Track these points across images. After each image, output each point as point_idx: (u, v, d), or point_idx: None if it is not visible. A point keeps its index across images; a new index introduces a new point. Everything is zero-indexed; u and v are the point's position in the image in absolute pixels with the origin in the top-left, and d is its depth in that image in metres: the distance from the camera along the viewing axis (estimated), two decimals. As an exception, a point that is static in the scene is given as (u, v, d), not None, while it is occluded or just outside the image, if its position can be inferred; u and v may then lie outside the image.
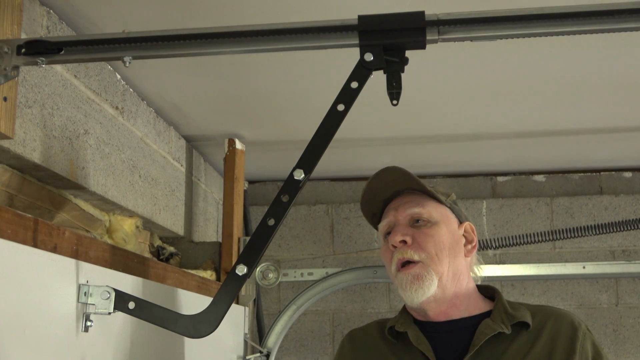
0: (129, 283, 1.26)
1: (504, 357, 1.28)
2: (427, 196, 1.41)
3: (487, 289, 1.44)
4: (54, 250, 1.04)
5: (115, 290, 1.09)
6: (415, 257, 1.34)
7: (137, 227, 2.05)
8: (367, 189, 1.44)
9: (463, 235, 1.42)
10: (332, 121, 1.09)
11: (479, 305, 1.39)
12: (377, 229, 1.48)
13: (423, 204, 1.39)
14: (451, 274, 1.35)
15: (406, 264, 1.34)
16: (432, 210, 1.38)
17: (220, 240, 2.72)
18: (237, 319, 2.31)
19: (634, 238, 2.94)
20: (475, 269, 1.45)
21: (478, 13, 1.08)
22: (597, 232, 2.51)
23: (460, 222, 1.43)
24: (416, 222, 1.37)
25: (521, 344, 1.30)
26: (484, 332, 1.30)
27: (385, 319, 1.47)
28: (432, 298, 1.33)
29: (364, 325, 1.51)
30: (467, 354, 1.28)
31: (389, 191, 1.42)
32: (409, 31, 1.09)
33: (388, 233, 1.41)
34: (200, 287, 1.85)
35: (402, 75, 1.10)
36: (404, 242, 1.35)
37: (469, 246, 1.42)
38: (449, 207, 1.42)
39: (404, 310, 1.44)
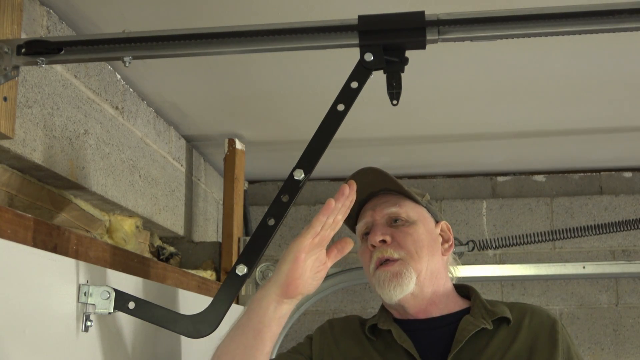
0: (129, 283, 1.26)
1: (486, 353, 1.28)
2: (404, 196, 1.41)
3: (462, 288, 1.44)
4: (54, 250, 1.04)
5: (115, 290, 1.09)
6: (395, 255, 1.34)
7: (137, 227, 2.05)
8: None
9: (440, 234, 1.43)
10: (332, 121, 1.09)
11: (458, 303, 1.39)
12: (354, 230, 1.48)
13: (400, 204, 1.39)
14: (429, 272, 1.35)
15: (385, 261, 1.34)
16: (409, 209, 1.39)
17: (220, 240, 2.72)
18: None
19: (634, 238, 2.94)
20: (452, 269, 1.45)
21: (478, 13, 1.08)
22: (597, 232, 2.51)
23: (437, 222, 1.43)
24: (394, 222, 1.38)
25: (502, 339, 1.30)
26: (467, 329, 1.30)
27: (365, 318, 1.46)
28: (410, 295, 1.33)
29: (342, 317, 1.49)
30: (450, 350, 1.28)
31: (365, 192, 1.41)
32: (409, 31, 1.09)
33: (366, 233, 1.40)
34: (200, 287, 1.85)
35: (402, 75, 1.10)
36: (384, 241, 1.35)
37: (446, 245, 1.43)
38: (425, 207, 1.43)
39: (383, 309, 1.43)
